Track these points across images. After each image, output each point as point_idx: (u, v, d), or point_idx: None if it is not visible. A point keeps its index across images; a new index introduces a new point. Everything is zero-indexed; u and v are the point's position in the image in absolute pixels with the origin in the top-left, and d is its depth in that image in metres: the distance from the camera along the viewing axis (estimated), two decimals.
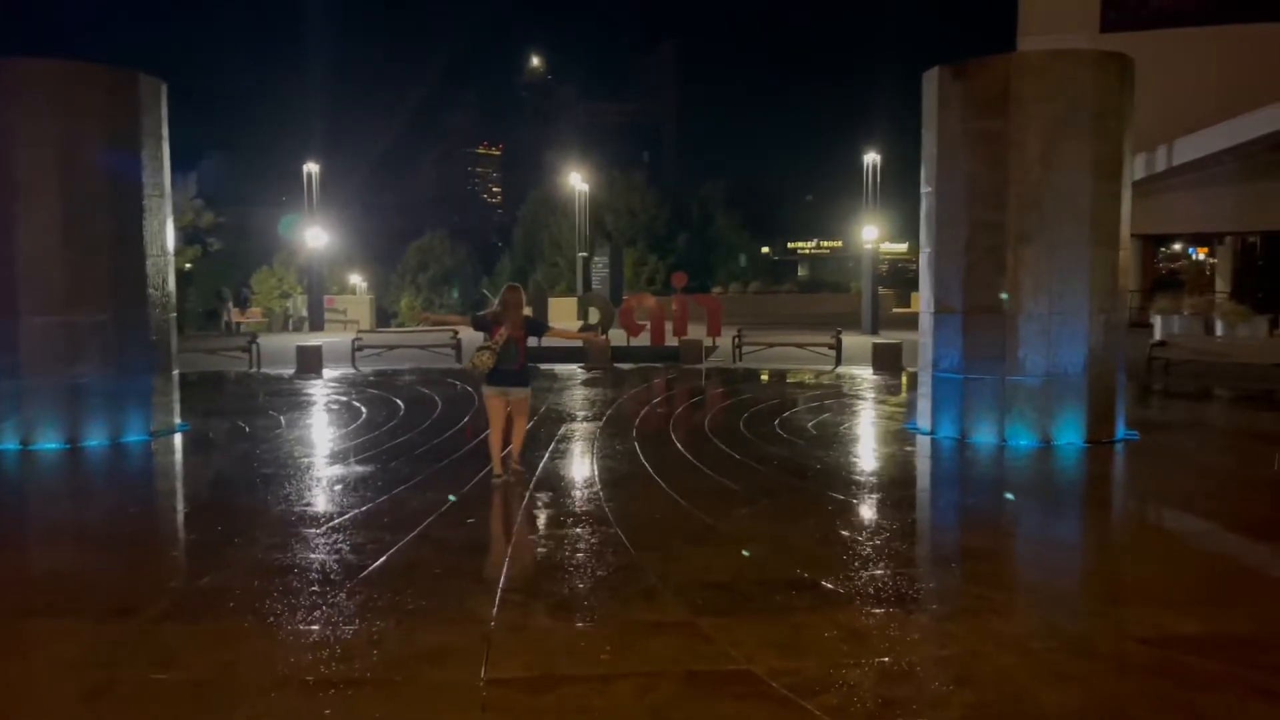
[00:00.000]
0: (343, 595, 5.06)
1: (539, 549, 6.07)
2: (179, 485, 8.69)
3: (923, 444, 9.97)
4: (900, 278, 67.99)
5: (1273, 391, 14.08)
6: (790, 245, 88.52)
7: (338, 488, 7.82)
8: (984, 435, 9.85)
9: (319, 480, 8.14)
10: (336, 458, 9.25)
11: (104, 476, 8.90)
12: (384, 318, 45.73)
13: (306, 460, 9.12)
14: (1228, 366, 16.03)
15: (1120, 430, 9.98)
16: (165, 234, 10.80)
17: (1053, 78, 9.43)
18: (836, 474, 8.38)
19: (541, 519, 6.83)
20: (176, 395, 11.10)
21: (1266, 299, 24.92)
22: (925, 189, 10.42)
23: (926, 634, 4.56)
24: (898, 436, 10.42)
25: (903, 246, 78.20)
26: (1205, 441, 10.47)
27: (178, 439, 10.53)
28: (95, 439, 9.99)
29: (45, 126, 9.72)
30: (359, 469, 8.62)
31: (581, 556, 5.78)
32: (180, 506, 7.80)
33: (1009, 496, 7.68)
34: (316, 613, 4.80)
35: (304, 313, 35.40)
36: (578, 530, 6.42)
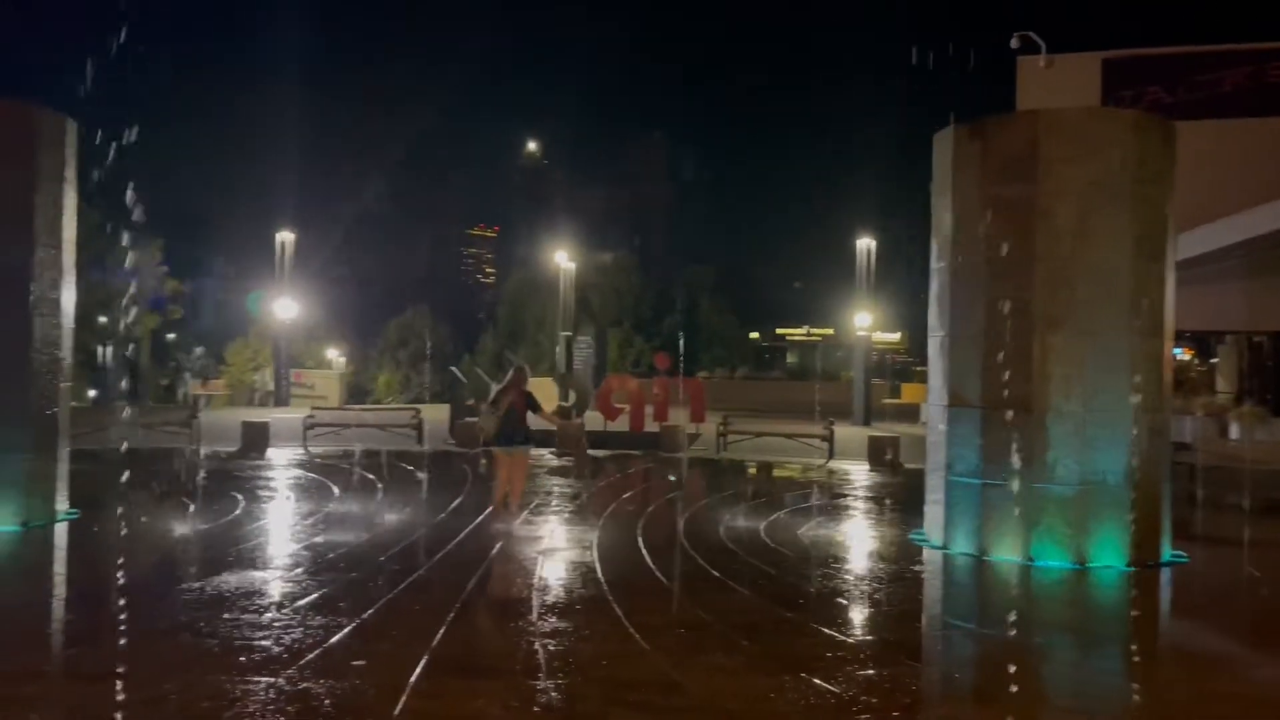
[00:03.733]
0: None
1: (430, 717, 4.44)
2: (8, 599, 6.82)
3: (934, 560, 8.44)
4: (889, 369, 66.79)
5: None
6: (780, 331, 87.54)
7: (204, 609, 6.17)
8: (1006, 552, 8.32)
9: (187, 595, 6.49)
10: (227, 563, 7.59)
11: None
12: (361, 395, 44.00)
13: (190, 565, 7.50)
14: (1263, 474, 14.54)
15: (1167, 551, 8.47)
16: (61, 291, 9.34)
17: (1089, 138, 8.17)
18: (833, 603, 6.80)
19: (451, 663, 5.21)
20: (64, 479, 9.48)
21: (1277, 400, 23.65)
22: (936, 264, 9.09)
23: None
24: (904, 551, 8.85)
25: (894, 336, 77.22)
26: (1272, 567, 8.90)
27: (57, 530, 8.91)
28: None
29: None
30: (249, 579, 6.99)
31: None
32: None
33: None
34: None
35: (272, 387, 33.79)
36: (491, 686, 4.81)
